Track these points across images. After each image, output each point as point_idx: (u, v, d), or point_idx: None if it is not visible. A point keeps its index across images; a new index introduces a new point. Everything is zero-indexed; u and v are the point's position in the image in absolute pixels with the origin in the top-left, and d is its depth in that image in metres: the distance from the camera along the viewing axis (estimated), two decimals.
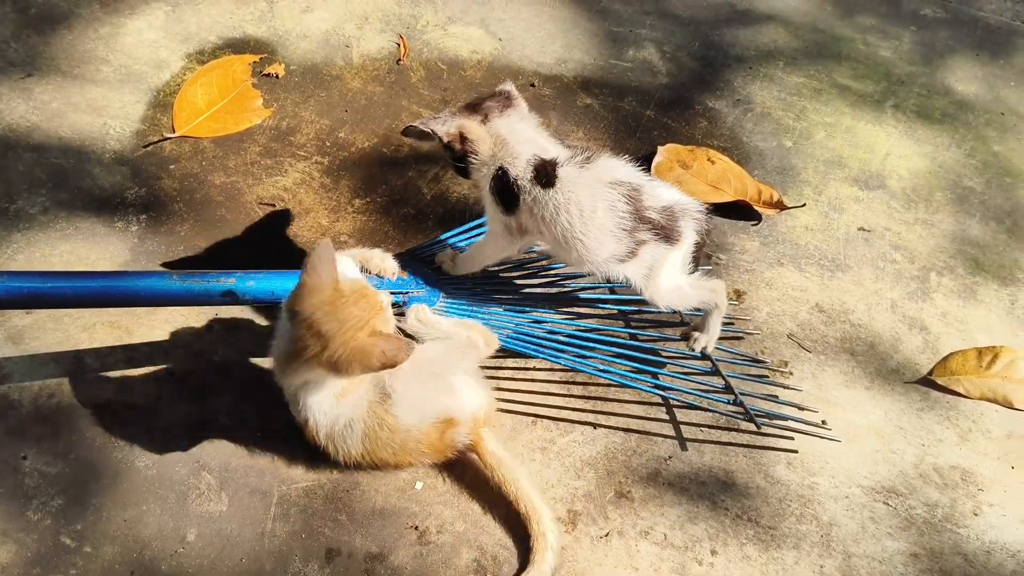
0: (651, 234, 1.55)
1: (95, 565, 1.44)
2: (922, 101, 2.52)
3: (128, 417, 1.61)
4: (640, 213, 1.54)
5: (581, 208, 1.52)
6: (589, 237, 1.54)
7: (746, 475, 1.66)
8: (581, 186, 1.53)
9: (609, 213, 1.53)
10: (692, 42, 2.62)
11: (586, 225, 1.53)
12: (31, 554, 1.44)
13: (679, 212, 1.58)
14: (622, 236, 1.54)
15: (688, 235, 1.60)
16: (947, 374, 1.85)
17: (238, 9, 2.47)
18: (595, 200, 1.53)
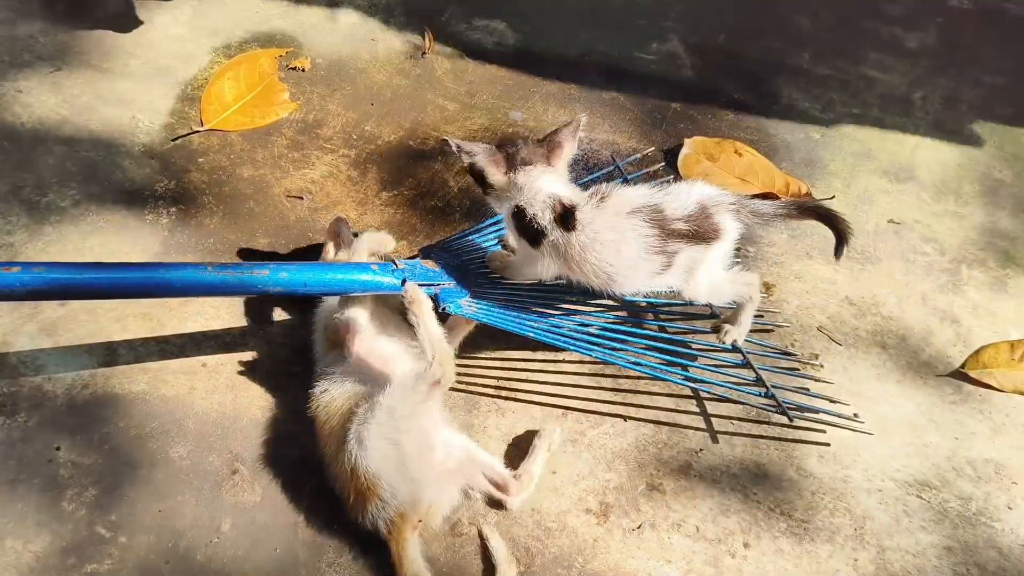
0: (683, 243, 1.55)
1: (130, 555, 1.45)
2: (950, 92, 2.50)
3: (162, 408, 1.62)
4: (667, 229, 1.53)
5: (606, 244, 1.53)
6: (622, 268, 1.55)
7: (778, 468, 1.66)
8: (601, 224, 1.53)
9: (636, 241, 1.53)
10: (717, 34, 2.60)
11: (617, 258, 1.54)
12: (66, 544, 1.45)
13: (711, 208, 1.57)
14: (654, 256, 1.54)
15: (727, 227, 1.58)
16: (979, 367, 1.83)
17: (264, 3, 2.48)
18: (619, 234, 1.53)
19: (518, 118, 2.22)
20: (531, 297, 1.71)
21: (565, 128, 1.60)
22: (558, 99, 2.34)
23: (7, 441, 1.55)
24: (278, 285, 1.52)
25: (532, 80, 2.38)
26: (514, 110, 2.23)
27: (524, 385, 1.73)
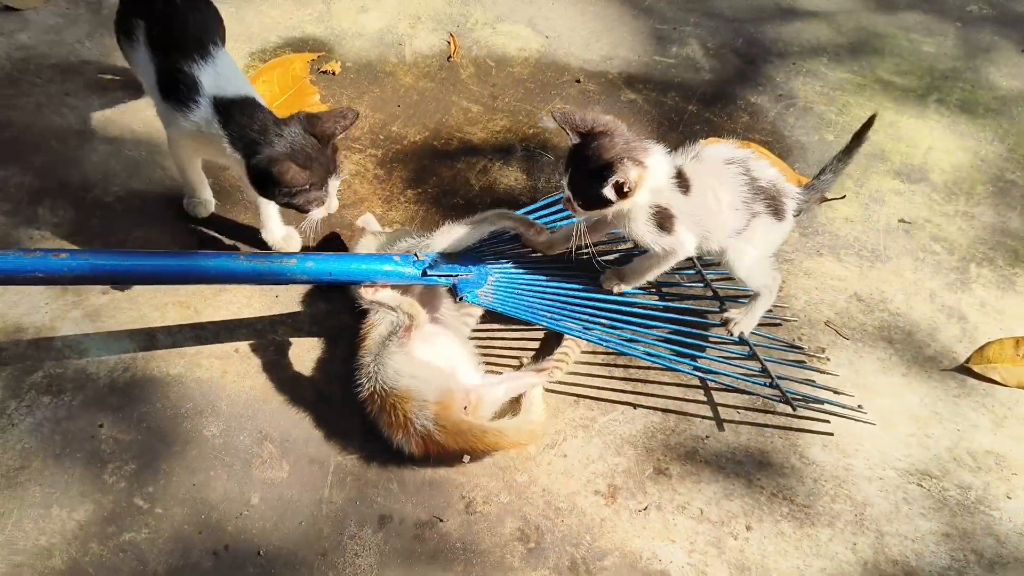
0: (764, 205, 1.66)
1: (166, 524, 1.55)
2: (966, 96, 2.54)
3: (196, 390, 1.72)
4: (755, 185, 1.65)
5: (707, 192, 1.62)
6: (722, 217, 1.64)
7: (782, 455, 1.72)
8: (703, 175, 1.63)
9: (732, 190, 1.63)
10: (735, 39, 2.67)
11: (717, 204, 1.63)
12: (107, 513, 1.56)
13: (783, 190, 1.69)
14: (742, 208, 1.64)
15: (789, 215, 1.70)
16: (984, 362, 1.88)
17: (298, 10, 2.59)
18: (719, 180, 1.63)
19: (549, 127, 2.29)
20: (546, 288, 1.79)
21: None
22: (578, 102, 2.42)
23: (54, 419, 1.66)
24: (305, 274, 1.61)
25: (554, 83, 2.47)
26: (543, 117, 2.31)
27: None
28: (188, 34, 1.75)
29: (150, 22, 1.78)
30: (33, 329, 1.77)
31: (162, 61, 1.75)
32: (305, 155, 1.63)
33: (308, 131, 1.65)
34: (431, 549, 1.55)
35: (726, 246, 1.68)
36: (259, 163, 1.62)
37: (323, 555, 1.53)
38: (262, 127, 1.65)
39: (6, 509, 1.54)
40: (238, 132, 1.66)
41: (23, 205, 1.99)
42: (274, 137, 1.63)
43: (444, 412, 1.56)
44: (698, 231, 1.65)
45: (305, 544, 1.54)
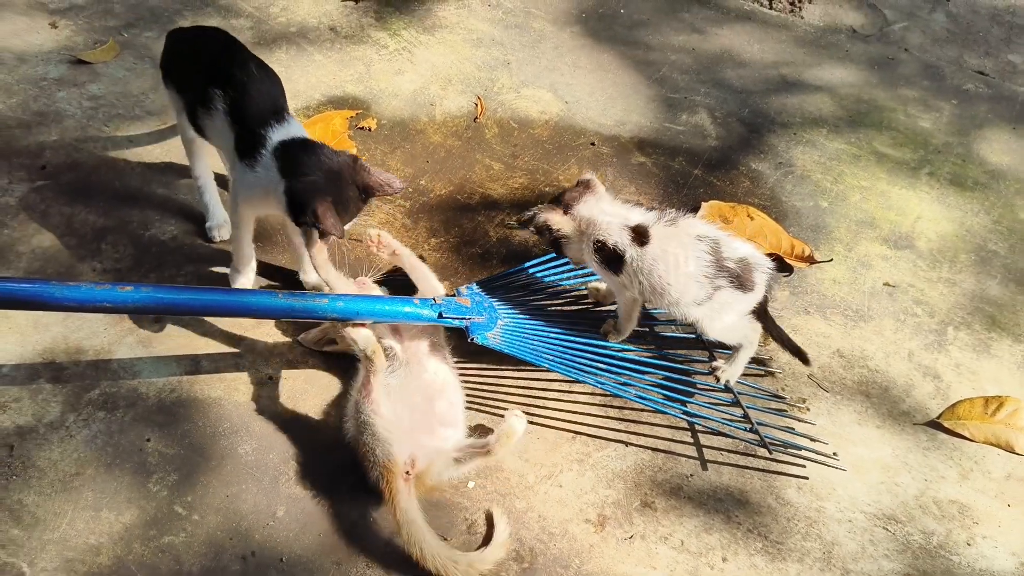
0: (727, 281, 1.84)
1: (201, 530, 1.74)
2: (956, 170, 2.72)
3: (234, 411, 1.93)
4: (720, 262, 1.83)
5: (674, 258, 1.82)
6: (677, 284, 1.83)
7: (759, 495, 1.88)
8: (672, 240, 1.84)
9: (696, 262, 1.83)
10: (742, 109, 2.88)
11: (677, 273, 1.83)
12: (149, 518, 1.75)
13: (753, 265, 1.87)
14: (704, 282, 1.84)
15: (760, 286, 1.89)
16: (954, 418, 2.03)
17: (341, 71, 2.85)
18: (685, 251, 1.83)
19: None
20: (550, 334, 1.98)
21: (582, 177, 1.95)
22: (592, 163, 2.63)
23: (107, 432, 1.87)
24: (335, 312, 1.82)
25: (570, 145, 2.68)
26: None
27: (539, 410, 1.99)
28: (263, 102, 1.93)
29: (230, 91, 1.93)
30: (93, 351, 2.00)
31: (241, 127, 1.92)
32: (339, 195, 1.81)
33: (351, 177, 1.83)
34: None
35: (694, 313, 1.87)
36: (295, 188, 1.81)
37: (338, 565, 1.71)
38: (310, 159, 1.82)
39: (62, 510, 1.74)
40: (288, 162, 1.84)
41: (87, 240, 2.23)
42: (317, 170, 1.81)
43: (389, 475, 1.69)
44: (648, 283, 1.84)
45: (323, 554, 1.72)
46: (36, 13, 2.91)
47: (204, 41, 2.09)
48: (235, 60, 1.98)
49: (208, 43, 2.07)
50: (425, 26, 3.09)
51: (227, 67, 1.96)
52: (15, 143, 2.45)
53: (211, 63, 1.99)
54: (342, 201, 1.82)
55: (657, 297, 1.87)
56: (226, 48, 2.04)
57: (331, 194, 1.79)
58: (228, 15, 3.00)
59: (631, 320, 2.00)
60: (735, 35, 3.23)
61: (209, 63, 1.99)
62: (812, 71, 3.08)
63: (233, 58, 1.99)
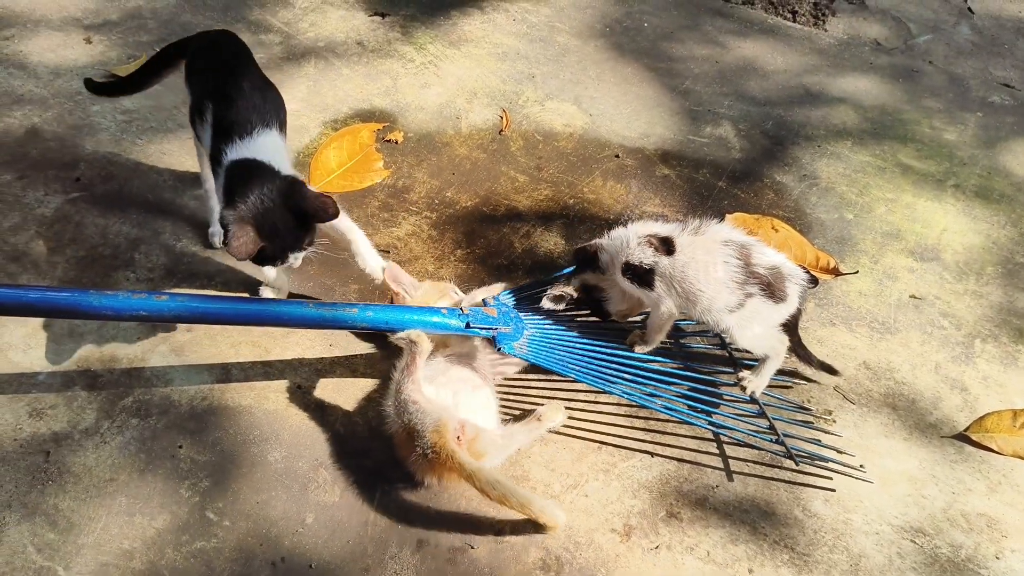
0: (758, 288, 1.84)
1: (232, 536, 1.77)
2: (982, 182, 2.71)
3: (264, 420, 1.95)
4: (749, 268, 1.84)
5: (699, 264, 1.84)
6: (708, 290, 1.85)
7: (786, 507, 1.88)
8: (699, 248, 1.85)
9: (724, 267, 1.84)
10: (766, 121, 2.89)
11: (707, 278, 1.84)
12: (181, 523, 1.78)
13: (785, 275, 1.87)
14: (735, 288, 1.85)
15: (792, 297, 1.89)
16: (982, 431, 2.02)
17: (368, 84, 2.89)
18: (713, 257, 1.84)
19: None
20: (576, 344, 2.00)
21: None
22: (616, 175, 2.65)
23: (140, 438, 1.90)
24: (364, 321, 1.85)
25: (595, 157, 2.70)
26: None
27: (565, 420, 2.00)
28: (240, 117, 1.89)
29: (217, 105, 1.92)
30: (127, 360, 2.03)
31: (213, 141, 1.92)
32: (264, 221, 1.75)
33: (286, 202, 1.76)
34: (462, 572, 1.74)
35: (726, 322, 1.87)
36: (223, 219, 1.78)
37: (366, 571, 1.72)
38: (242, 183, 1.78)
39: (96, 515, 1.77)
40: (228, 184, 1.82)
41: (121, 250, 2.27)
42: (251, 200, 1.75)
43: (440, 441, 1.71)
44: (682, 290, 1.86)
45: (351, 560, 1.74)
46: (71, 28, 2.97)
47: (215, 49, 2.10)
48: (229, 74, 1.98)
49: (217, 52, 2.09)
50: (451, 40, 3.13)
51: (221, 79, 1.97)
52: (51, 155, 2.51)
53: (211, 72, 2.01)
54: (267, 227, 1.76)
55: (691, 305, 1.88)
56: (229, 60, 2.05)
57: (252, 221, 1.75)
58: (258, 30, 3.05)
59: (661, 332, 2.00)
60: (758, 48, 3.24)
61: (210, 72, 2.01)
62: (836, 84, 3.09)
63: (229, 71, 1.99)
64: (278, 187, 1.78)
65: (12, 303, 1.71)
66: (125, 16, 3.05)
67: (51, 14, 3.03)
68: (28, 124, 2.59)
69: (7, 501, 1.77)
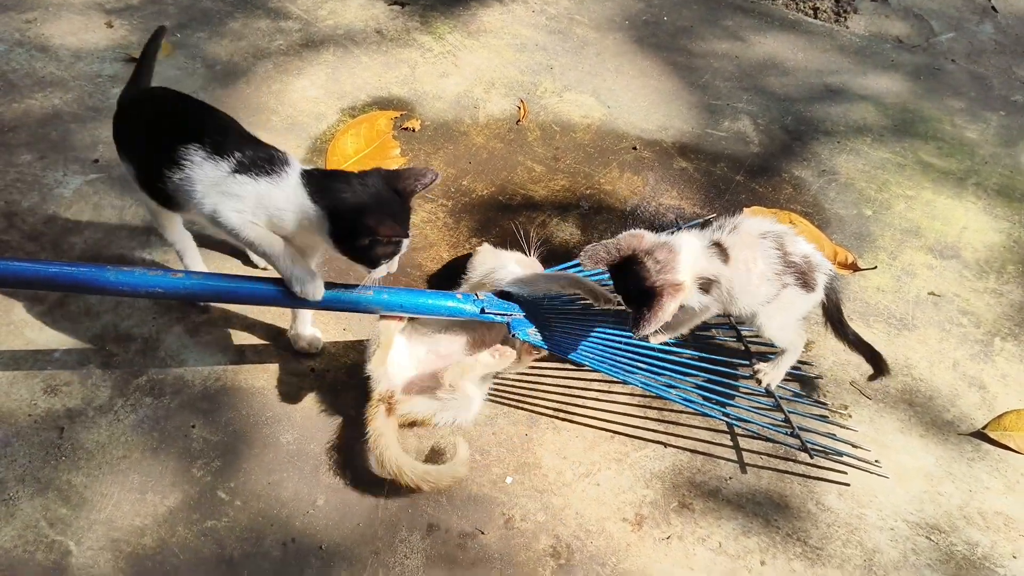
0: (793, 278, 1.80)
1: (243, 515, 1.77)
2: (1004, 180, 2.68)
3: (276, 402, 1.95)
4: (786, 257, 1.80)
5: (741, 262, 1.77)
6: (751, 285, 1.78)
7: (799, 500, 1.86)
8: (740, 246, 1.78)
9: (765, 261, 1.78)
10: (785, 116, 2.86)
11: (748, 275, 1.77)
12: (193, 502, 1.79)
13: (815, 265, 1.84)
14: (773, 279, 1.79)
15: (819, 288, 1.85)
16: (1000, 429, 1.99)
17: (386, 72, 2.89)
18: (753, 251, 1.78)
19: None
20: (593, 332, 1.98)
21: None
22: (633, 167, 2.63)
23: (154, 417, 1.91)
24: (379, 304, 1.84)
25: (612, 149, 2.69)
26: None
27: (579, 408, 1.99)
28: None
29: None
30: (141, 339, 2.04)
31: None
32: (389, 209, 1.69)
33: (390, 186, 1.71)
34: (472, 557, 1.73)
35: (757, 311, 1.83)
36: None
37: (376, 554, 1.72)
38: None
39: (109, 491, 1.78)
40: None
41: (138, 232, 2.28)
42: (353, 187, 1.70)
43: (371, 403, 1.83)
44: (730, 294, 1.78)
45: (361, 543, 1.74)
46: (93, 12, 2.99)
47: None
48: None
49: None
50: (470, 30, 3.12)
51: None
52: (70, 137, 2.52)
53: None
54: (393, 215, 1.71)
55: (733, 304, 1.81)
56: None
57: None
58: (277, 17, 3.06)
59: (685, 329, 1.97)
60: (779, 44, 3.22)
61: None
62: (857, 80, 3.06)
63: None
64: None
65: (32, 277, 1.72)
66: (146, 1, 3.06)
67: None
68: (49, 106, 2.60)
69: (21, 476, 1.78)
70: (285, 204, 1.69)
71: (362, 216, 1.65)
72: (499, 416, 1.97)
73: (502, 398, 2.00)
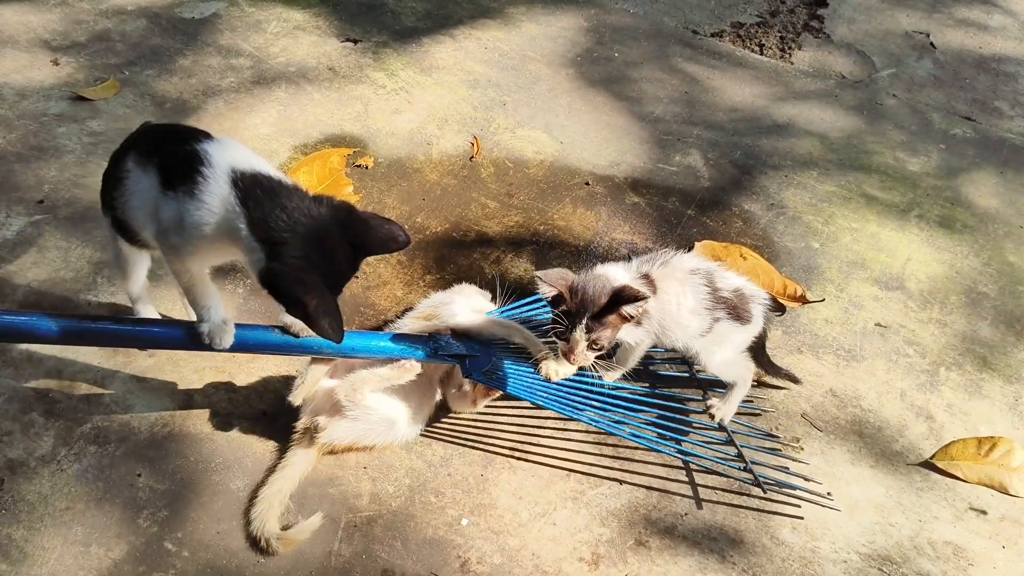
0: (725, 312, 1.84)
1: (191, 567, 1.72)
2: (945, 212, 2.76)
3: (226, 447, 1.92)
4: (716, 293, 1.84)
5: (671, 297, 1.81)
6: (681, 319, 1.82)
7: (754, 535, 1.87)
8: (670, 280, 1.82)
9: (694, 296, 1.82)
10: (734, 151, 2.92)
11: (678, 310, 1.81)
12: (139, 554, 1.74)
13: (748, 296, 1.89)
14: (704, 314, 1.83)
15: (757, 319, 1.90)
16: (947, 459, 2.03)
17: (339, 109, 2.88)
18: (683, 287, 1.82)
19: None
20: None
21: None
22: (586, 202, 2.66)
23: (98, 466, 1.86)
24: (330, 348, 1.82)
25: (565, 184, 2.71)
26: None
27: (534, 447, 1.99)
28: None
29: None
30: (86, 386, 1.99)
31: None
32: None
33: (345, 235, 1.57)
34: None
35: (696, 347, 1.86)
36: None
37: None
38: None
39: (51, 544, 1.72)
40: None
41: (84, 274, 2.23)
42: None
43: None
44: (661, 326, 1.83)
45: None
46: (38, 50, 2.94)
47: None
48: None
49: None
50: (423, 67, 3.14)
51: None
52: (13, 177, 2.47)
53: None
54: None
55: (665, 336, 1.85)
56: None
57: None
58: (228, 55, 3.04)
59: (630, 364, 1.99)
60: (726, 79, 3.29)
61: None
62: (802, 115, 3.14)
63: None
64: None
65: None
66: (93, 38, 3.03)
67: (18, 35, 3.00)
68: None
69: None
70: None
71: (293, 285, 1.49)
72: (454, 457, 1.95)
73: (457, 438, 1.99)
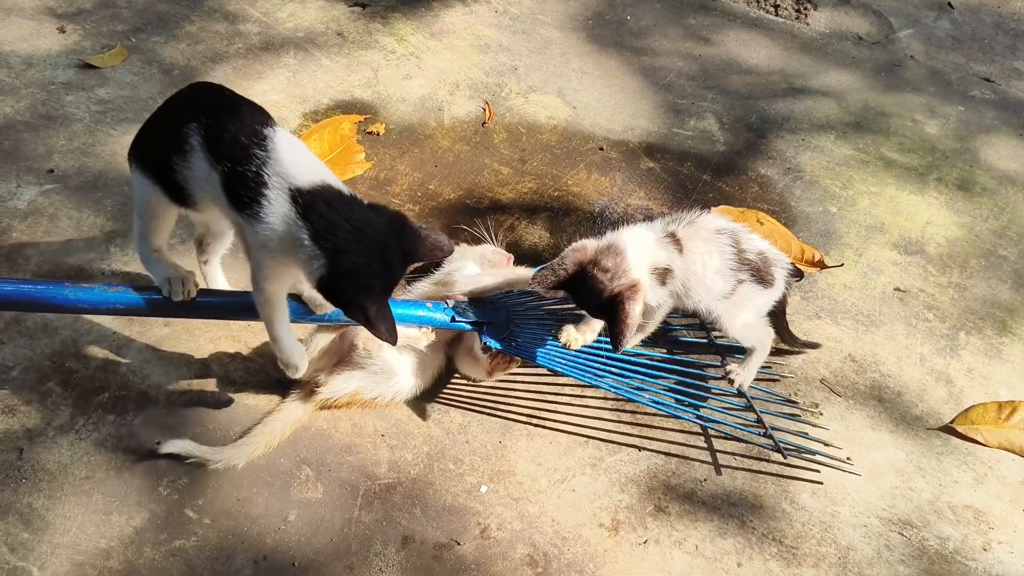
0: (748, 274, 1.82)
1: (212, 534, 1.73)
2: (964, 175, 2.72)
3: (244, 415, 1.91)
4: (741, 254, 1.82)
5: (697, 257, 1.79)
6: (706, 279, 1.80)
7: (773, 500, 1.87)
8: (696, 239, 1.81)
9: (720, 256, 1.81)
10: (749, 114, 2.88)
11: (704, 270, 1.80)
12: (160, 521, 1.74)
13: (772, 260, 1.87)
14: (728, 275, 1.82)
15: (779, 283, 1.88)
16: (967, 423, 2.02)
17: (348, 76, 2.85)
18: (709, 247, 1.81)
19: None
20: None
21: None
22: (600, 168, 2.63)
23: (117, 435, 1.85)
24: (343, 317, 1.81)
25: (579, 150, 2.68)
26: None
27: (552, 414, 1.98)
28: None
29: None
30: (102, 355, 1.98)
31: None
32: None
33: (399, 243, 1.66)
34: (448, 569, 1.71)
35: (717, 309, 1.85)
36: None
37: (350, 569, 1.69)
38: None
39: (72, 513, 1.73)
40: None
41: (96, 243, 2.22)
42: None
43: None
44: (685, 287, 1.81)
45: (335, 558, 1.71)
46: (44, 17, 2.90)
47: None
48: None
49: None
50: (432, 32, 3.09)
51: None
52: (23, 147, 2.44)
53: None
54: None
55: (688, 297, 1.84)
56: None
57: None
58: (236, 20, 3.00)
59: (651, 328, 1.97)
60: (741, 42, 3.23)
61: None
62: (819, 77, 3.09)
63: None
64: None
65: None
66: (99, 5, 2.99)
67: (24, 3, 2.95)
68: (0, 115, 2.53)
69: None
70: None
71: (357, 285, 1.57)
72: (472, 424, 1.95)
73: (475, 406, 1.98)
